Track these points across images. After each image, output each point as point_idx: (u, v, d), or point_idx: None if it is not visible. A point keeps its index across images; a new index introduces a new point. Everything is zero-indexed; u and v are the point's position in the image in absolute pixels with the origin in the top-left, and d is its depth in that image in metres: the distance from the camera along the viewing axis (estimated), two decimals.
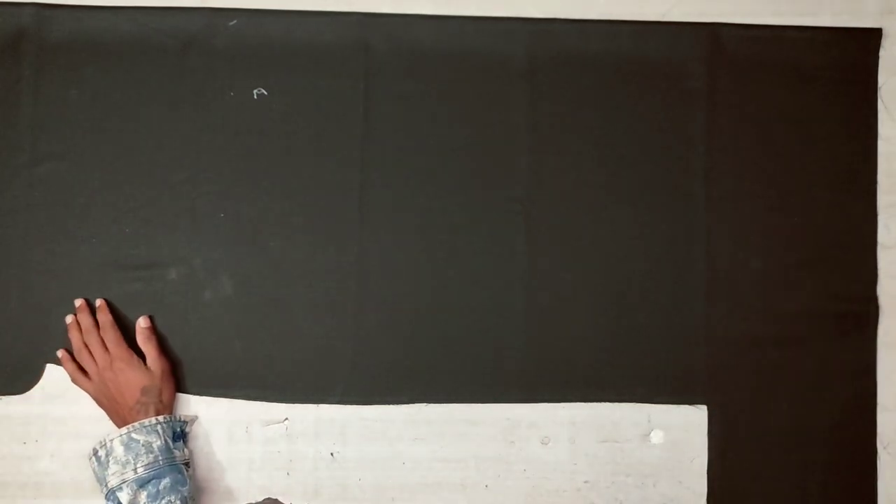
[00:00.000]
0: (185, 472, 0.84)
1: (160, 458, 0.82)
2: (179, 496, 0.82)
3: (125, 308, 0.90)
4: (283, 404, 0.90)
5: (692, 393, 0.91)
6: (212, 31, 0.92)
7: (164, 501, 0.81)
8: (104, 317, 0.88)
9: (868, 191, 0.92)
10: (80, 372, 0.88)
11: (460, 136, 0.92)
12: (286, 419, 0.90)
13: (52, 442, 0.90)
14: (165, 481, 0.81)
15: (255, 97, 0.92)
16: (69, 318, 0.89)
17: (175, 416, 0.87)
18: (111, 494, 0.82)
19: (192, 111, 0.91)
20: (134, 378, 0.85)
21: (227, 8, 0.92)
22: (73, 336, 0.88)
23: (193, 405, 0.90)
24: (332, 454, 0.90)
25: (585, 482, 0.90)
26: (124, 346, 0.87)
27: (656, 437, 0.90)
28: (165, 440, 0.84)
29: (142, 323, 0.88)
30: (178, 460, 0.84)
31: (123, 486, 0.81)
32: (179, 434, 0.86)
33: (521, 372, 0.90)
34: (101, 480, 0.83)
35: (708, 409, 0.90)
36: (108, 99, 0.91)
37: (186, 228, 0.90)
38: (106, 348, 0.87)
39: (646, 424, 0.91)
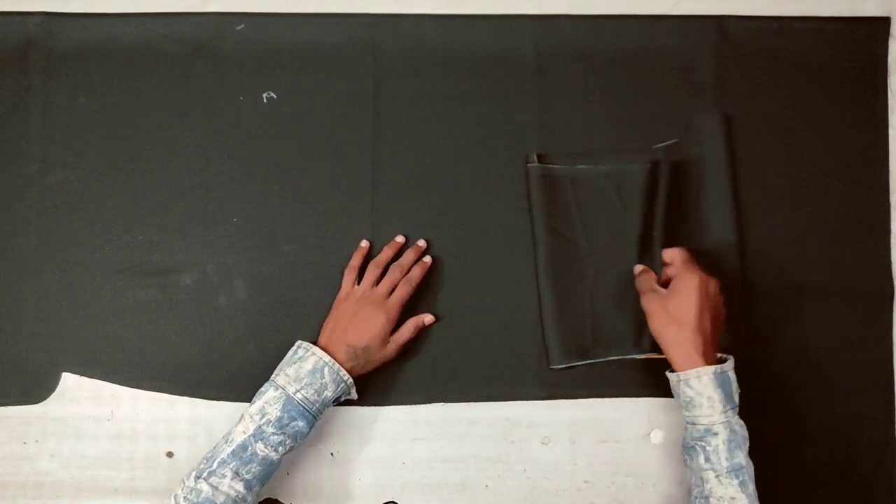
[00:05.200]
0: (311, 428, 0.82)
1: (313, 406, 0.81)
2: (293, 442, 0.81)
3: (140, 314, 0.90)
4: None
5: None
6: (220, 36, 0.92)
7: (286, 433, 0.80)
8: (415, 273, 0.88)
9: (880, 180, 0.92)
10: (353, 279, 0.88)
11: (471, 134, 0.92)
12: None
13: (52, 442, 0.89)
14: (300, 424, 0.80)
15: (265, 101, 0.92)
16: (400, 238, 0.90)
17: (350, 388, 0.84)
18: (270, 383, 0.81)
19: (202, 116, 0.91)
20: (371, 329, 0.84)
21: (235, 12, 0.92)
22: (385, 253, 0.89)
23: (195, 406, 0.90)
24: (332, 454, 0.89)
25: (585, 482, 0.90)
26: (399, 305, 0.86)
27: (656, 437, 0.90)
28: (331, 396, 0.82)
29: (426, 319, 0.88)
30: (316, 416, 0.82)
31: (281, 390, 0.80)
32: (337, 400, 0.85)
33: (538, 370, 0.90)
34: (281, 365, 0.83)
35: None
36: (117, 106, 0.91)
37: (199, 233, 0.90)
38: (384, 288, 0.87)
39: (646, 424, 0.90)
